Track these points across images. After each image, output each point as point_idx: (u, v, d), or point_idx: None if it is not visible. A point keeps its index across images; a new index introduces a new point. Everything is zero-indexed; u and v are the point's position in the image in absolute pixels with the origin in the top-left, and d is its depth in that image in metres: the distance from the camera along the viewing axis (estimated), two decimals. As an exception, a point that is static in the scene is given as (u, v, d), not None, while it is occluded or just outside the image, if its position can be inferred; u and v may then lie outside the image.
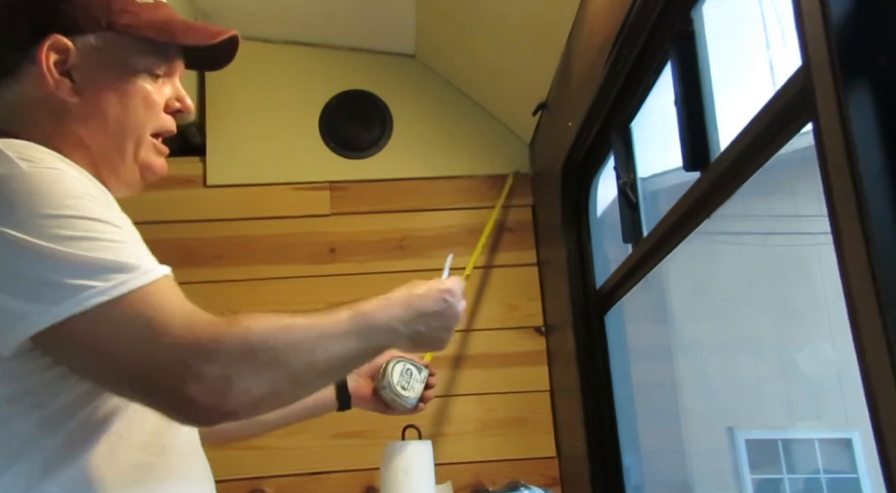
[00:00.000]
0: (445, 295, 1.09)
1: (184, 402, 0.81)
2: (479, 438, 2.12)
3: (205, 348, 0.81)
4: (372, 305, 0.99)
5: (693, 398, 4.54)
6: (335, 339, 0.92)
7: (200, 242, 2.17)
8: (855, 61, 0.83)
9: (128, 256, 0.84)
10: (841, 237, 0.83)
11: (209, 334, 0.82)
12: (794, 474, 4.98)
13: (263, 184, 2.25)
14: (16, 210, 0.82)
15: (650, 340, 3.83)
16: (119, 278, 0.82)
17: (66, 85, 0.97)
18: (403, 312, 1.02)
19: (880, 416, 0.78)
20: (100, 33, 0.98)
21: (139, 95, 1.00)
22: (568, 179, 2.01)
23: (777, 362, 4.59)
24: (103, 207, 0.88)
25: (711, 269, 4.42)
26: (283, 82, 2.33)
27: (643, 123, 1.74)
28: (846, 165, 0.82)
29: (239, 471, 2.01)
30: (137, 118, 1.00)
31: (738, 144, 1.17)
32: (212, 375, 0.81)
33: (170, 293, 0.85)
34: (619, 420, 1.87)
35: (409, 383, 1.42)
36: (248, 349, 0.84)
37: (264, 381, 0.84)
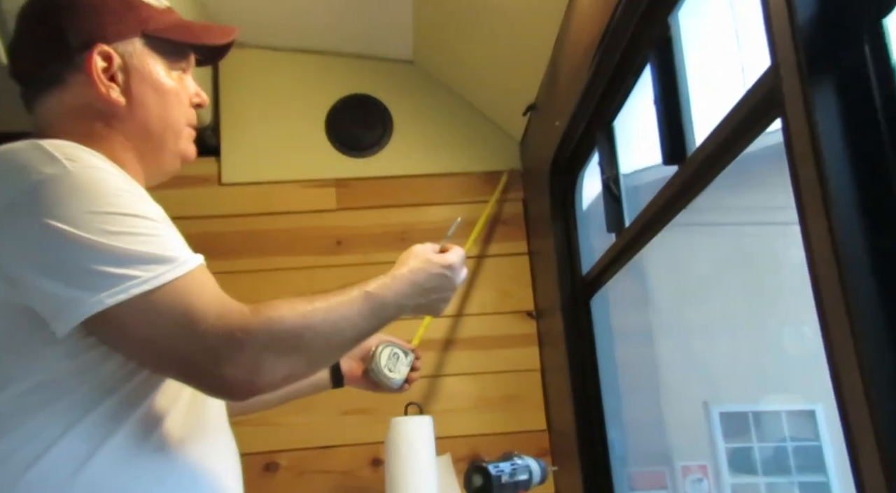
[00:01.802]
0: (446, 271, 1.11)
1: (218, 381, 0.85)
2: (475, 413, 2.12)
3: (235, 338, 0.83)
4: (380, 284, 1.01)
5: (672, 376, 4.55)
6: (348, 320, 0.95)
7: (217, 237, 2.16)
8: (820, 62, 0.83)
9: (166, 248, 0.86)
10: (807, 225, 0.83)
11: (239, 325, 0.84)
12: (763, 442, 5.01)
13: (274, 182, 2.24)
14: (65, 206, 0.83)
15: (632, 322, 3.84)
16: (159, 270, 0.83)
17: (114, 88, 0.99)
18: (408, 288, 1.05)
19: (843, 389, 0.78)
20: (134, 39, 1.01)
21: (172, 92, 1.03)
22: (556, 175, 2.01)
23: (748, 341, 4.61)
24: (140, 202, 0.89)
25: (688, 256, 4.43)
26: (292, 87, 2.32)
27: (625, 122, 1.74)
28: (812, 157, 0.81)
29: (255, 446, 2.02)
30: (174, 112, 1.03)
31: (713, 140, 1.17)
32: (242, 360, 0.84)
33: (204, 283, 0.87)
34: (605, 396, 1.88)
35: (396, 366, 1.44)
36: (273, 337, 0.86)
37: (287, 362, 0.88)
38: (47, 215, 0.82)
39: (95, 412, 0.86)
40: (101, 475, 0.84)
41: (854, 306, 0.76)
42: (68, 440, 0.84)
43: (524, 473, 1.39)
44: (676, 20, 1.36)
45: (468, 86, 2.31)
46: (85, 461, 0.84)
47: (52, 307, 0.82)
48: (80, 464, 0.84)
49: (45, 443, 0.83)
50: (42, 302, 0.83)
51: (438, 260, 1.11)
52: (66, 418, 0.85)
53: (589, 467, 1.81)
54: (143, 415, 0.89)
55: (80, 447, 0.84)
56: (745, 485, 4.89)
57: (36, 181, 0.84)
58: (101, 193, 0.85)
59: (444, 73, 2.33)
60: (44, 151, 0.86)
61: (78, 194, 0.84)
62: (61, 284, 0.81)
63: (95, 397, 0.86)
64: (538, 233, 2.19)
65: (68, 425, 0.84)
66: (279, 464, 2.04)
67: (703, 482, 4.75)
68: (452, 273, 1.12)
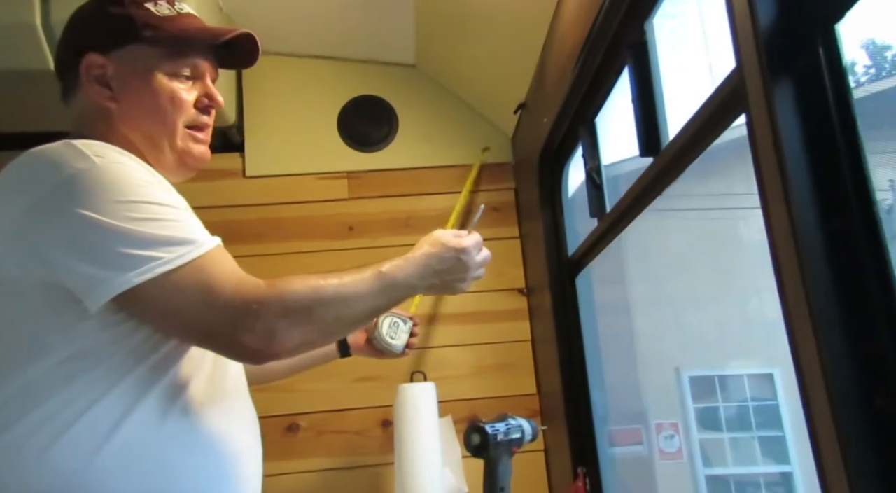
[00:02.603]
0: (460, 254, 1.07)
1: (237, 347, 0.85)
2: (473, 380, 2.13)
3: (251, 308, 0.84)
4: (393, 265, 1.00)
5: (647, 344, 4.56)
6: (360, 296, 0.94)
7: (241, 224, 2.16)
8: (780, 63, 0.83)
9: (186, 231, 0.86)
10: (768, 209, 0.83)
11: (254, 297, 0.84)
12: (727, 403, 5.03)
13: (292, 174, 2.23)
14: (95, 197, 0.83)
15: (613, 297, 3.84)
16: (180, 250, 0.84)
17: (104, 93, 0.98)
18: (420, 270, 1.02)
19: (799, 354, 0.78)
20: (129, 47, 0.98)
21: (165, 95, 0.99)
22: (544, 166, 2.00)
23: (715, 313, 4.61)
24: (162, 191, 0.89)
25: (662, 238, 4.43)
26: (307, 90, 2.31)
27: (606, 118, 1.73)
28: (772, 148, 0.81)
29: (278, 409, 2.03)
30: (168, 116, 0.99)
31: (684, 134, 1.17)
32: (259, 328, 0.84)
33: (222, 261, 0.87)
34: (588, 363, 1.88)
35: (397, 333, 1.43)
36: (286, 308, 0.86)
37: (300, 332, 0.87)
38: (79, 206, 0.83)
39: (127, 379, 0.86)
40: (133, 434, 0.85)
41: (809, 280, 0.76)
42: (104, 403, 0.85)
43: (517, 432, 1.40)
44: (651, 25, 1.35)
45: (465, 87, 2.30)
46: (119, 422, 0.84)
47: (86, 286, 0.83)
48: (115, 425, 0.84)
49: (83, 406, 0.84)
50: (76, 282, 0.84)
51: (453, 244, 1.07)
52: (101, 384, 0.85)
53: (574, 426, 1.82)
54: (170, 381, 0.89)
55: (115, 410, 0.85)
56: (711, 440, 4.93)
57: (69, 175, 0.84)
58: (127, 185, 0.85)
59: (443, 76, 2.32)
60: (75, 148, 0.87)
61: (106, 186, 0.84)
62: (94, 266, 0.82)
63: (127, 366, 0.87)
64: (528, 218, 2.18)
65: (103, 391, 0.85)
66: (300, 425, 2.05)
67: (674, 438, 4.78)
68: (466, 257, 1.07)
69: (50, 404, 0.84)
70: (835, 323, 0.75)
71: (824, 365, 0.74)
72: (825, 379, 0.73)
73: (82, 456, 0.82)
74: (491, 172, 2.29)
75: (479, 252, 1.11)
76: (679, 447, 4.77)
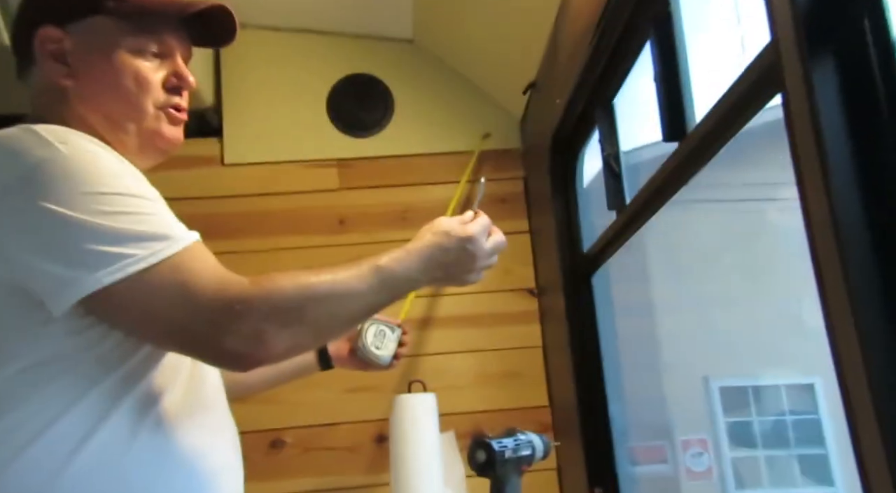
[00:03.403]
0: (466, 244, 1.05)
1: (220, 352, 0.85)
2: (478, 390, 2.12)
3: (234, 309, 0.83)
4: (392, 257, 0.99)
5: (672, 351, 4.56)
6: (356, 293, 0.93)
7: (220, 217, 2.16)
8: (820, 37, 0.82)
9: (161, 226, 0.86)
10: (807, 200, 0.83)
11: (238, 296, 0.84)
12: (762, 416, 5.03)
13: (276, 162, 2.23)
14: (60, 189, 0.83)
15: (633, 298, 3.84)
16: (155, 247, 0.84)
17: (60, 71, 0.97)
18: (423, 263, 1.01)
19: (842, 362, 0.78)
20: (89, 19, 0.97)
21: (129, 73, 0.98)
22: (556, 153, 2.00)
23: (747, 316, 4.61)
24: (134, 181, 0.89)
25: (688, 232, 4.42)
26: (293, 68, 2.31)
27: (625, 99, 1.73)
28: (811, 132, 0.81)
29: (261, 423, 2.03)
30: (131, 96, 0.98)
31: (713, 116, 1.16)
32: (243, 330, 0.84)
33: (201, 258, 0.87)
34: (606, 372, 1.88)
35: (383, 342, 1.42)
36: (274, 309, 0.86)
37: (290, 334, 0.87)
38: (42, 198, 0.82)
39: (96, 389, 0.86)
40: (101, 452, 0.85)
41: (853, 279, 0.76)
42: (70, 417, 0.84)
43: (527, 448, 1.40)
44: (676, -5, 1.34)
45: (468, 64, 2.29)
46: (85, 438, 0.84)
47: (50, 287, 0.83)
48: (81, 441, 0.84)
49: (47, 420, 0.84)
50: (39, 283, 0.83)
51: (458, 233, 1.05)
52: (67, 395, 0.85)
53: (590, 442, 1.82)
54: (142, 393, 0.89)
55: (81, 424, 0.85)
56: (744, 458, 4.93)
57: (30, 165, 0.84)
58: (95, 175, 0.85)
59: (444, 52, 2.31)
60: (36, 135, 0.86)
61: (72, 176, 0.84)
62: (59, 264, 0.82)
63: (95, 375, 0.87)
64: (539, 211, 2.18)
65: (69, 402, 0.85)
66: (285, 441, 2.05)
67: (703, 456, 4.78)
68: (473, 246, 1.06)
69: (8, 419, 0.84)
70: (882, 328, 0.74)
71: (870, 374, 0.73)
72: (871, 390, 0.73)
73: (44, 476, 0.82)
74: (497, 159, 2.28)
75: (488, 237, 1.09)
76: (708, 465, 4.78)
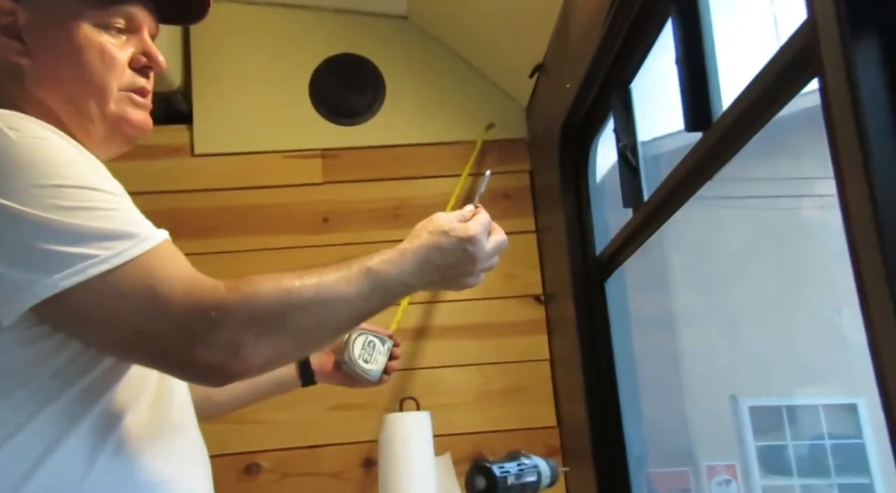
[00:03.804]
0: (467, 245, 1.05)
1: (192, 365, 0.85)
2: (478, 408, 2.13)
3: (209, 316, 0.83)
4: (384, 259, 0.99)
5: (696, 365, 4.56)
6: (344, 299, 0.93)
7: (189, 213, 2.16)
8: (862, 14, 0.82)
9: (125, 223, 0.86)
10: (846, 196, 0.83)
11: (212, 302, 0.84)
12: (798, 440, 5.03)
13: (253, 152, 2.23)
14: (10, 181, 0.82)
15: (652, 307, 3.84)
16: (119, 246, 0.83)
17: (14, 47, 0.96)
18: (417, 266, 1.01)
19: (887, 380, 0.78)
20: None
21: (94, 51, 0.98)
22: (566, 143, 2.00)
23: (781, 327, 4.61)
24: (95, 173, 0.88)
25: (714, 233, 4.42)
26: (271, 46, 2.31)
27: (644, 84, 1.73)
28: (852, 121, 0.81)
29: (234, 445, 2.03)
30: (95, 75, 0.98)
31: (742, 103, 1.16)
32: (218, 340, 0.83)
33: (171, 259, 0.86)
34: (621, 389, 1.88)
35: (372, 355, 1.42)
36: (252, 316, 0.85)
37: (270, 344, 0.87)
38: None
39: (50, 408, 0.86)
40: (56, 477, 0.84)
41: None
42: (21, 439, 0.84)
43: (532, 474, 1.40)
44: (701, -32, 1.35)
45: (469, 44, 2.29)
46: (38, 463, 0.84)
47: (2, 292, 0.82)
48: (33, 466, 0.84)
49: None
50: None
51: (458, 233, 1.05)
52: (19, 414, 0.84)
53: (603, 467, 1.82)
54: (102, 411, 0.89)
55: (33, 447, 0.84)
56: (778, 487, 4.92)
57: None
58: (51, 165, 0.84)
59: (441, 31, 2.32)
60: None
61: (24, 167, 0.83)
62: (9, 266, 0.81)
63: (49, 392, 0.86)
64: (547, 208, 2.18)
65: (20, 423, 0.84)
66: (261, 466, 2.05)
67: (731, 484, 4.78)
68: (474, 247, 1.05)
69: None
70: (929, 340, 0.74)
71: (916, 393, 0.73)
72: (917, 411, 0.73)
73: None
74: (501, 150, 2.29)
75: (488, 237, 1.09)
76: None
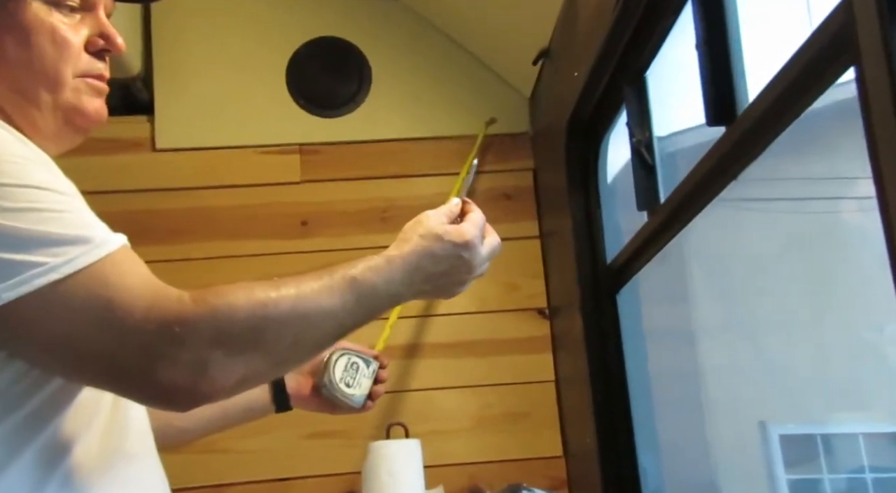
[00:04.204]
0: (462, 251, 1.04)
1: (153, 387, 0.84)
2: (474, 436, 2.13)
3: (171, 332, 0.82)
4: (370, 266, 0.98)
5: (719, 387, 4.56)
6: (325, 311, 0.93)
7: (150, 216, 2.16)
8: (903, -5, 0.83)
9: (77, 226, 0.85)
10: (886, 198, 0.83)
11: (176, 316, 0.83)
12: (835, 473, 5.02)
13: (222, 147, 2.24)
14: None
15: (669, 321, 3.84)
16: (71, 253, 0.82)
17: None
18: (407, 275, 1.01)
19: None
20: None
21: (44, 33, 0.97)
22: (574, 138, 2.01)
23: (816, 345, 4.61)
24: (43, 170, 0.88)
25: (738, 240, 4.42)
26: (244, 28, 2.32)
27: (660, 73, 1.74)
28: (892, 114, 0.81)
29: (200, 477, 2.02)
30: (46, 60, 0.97)
31: (770, 94, 1.17)
32: (182, 359, 0.83)
33: (129, 267, 0.85)
34: (634, 413, 1.89)
35: (356, 378, 1.41)
36: (221, 331, 0.85)
37: (241, 363, 0.87)
38: None
39: None
40: None
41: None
42: None
43: (535, 509, 1.40)
44: (725, -57, 1.36)
45: (465, 27, 2.30)
46: None
47: None
48: None
49: None
50: None
51: (452, 237, 1.04)
52: None
53: (615, 501, 1.83)
54: (49, 439, 0.88)
55: None
56: (811, 525, 4.93)
57: None
58: None
59: (434, 12, 2.32)
60: None
61: None
62: None
63: None
64: (552, 210, 2.19)
65: None
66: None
67: (758, 521, 4.79)
68: (470, 253, 1.04)
69: None
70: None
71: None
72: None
73: None
74: (501, 145, 2.29)
75: (479, 241, 1.07)
76: (764, 532, 4.78)
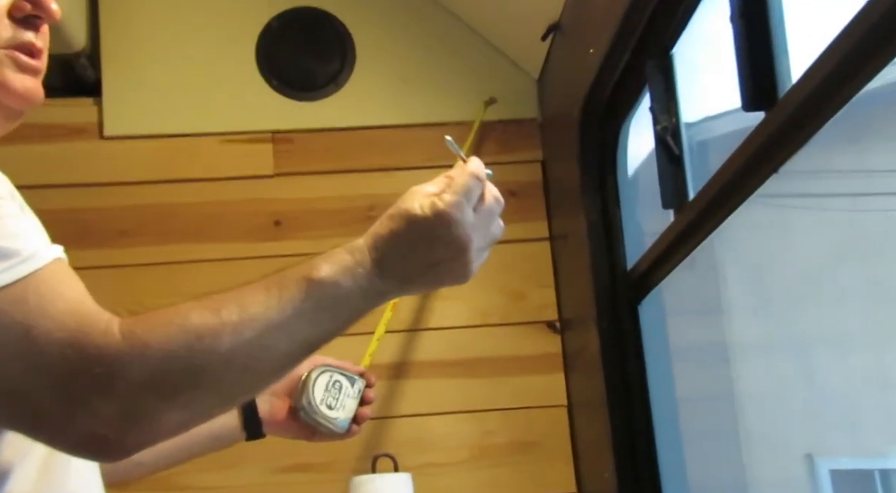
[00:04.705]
0: (437, 228, 0.93)
1: (74, 436, 0.82)
2: (474, 469, 2.13)
3: (91, 374, 0.80)
4: (331, 264, 0.91)
5: (759, 415, 4.56)
6: (280, 327, 0.88)
7: (97, 214, 2.16)
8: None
9: (2, 236, 0.83)
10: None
11: (98, 354, 0.81)
12: (896, 514, 5.04)
13: (181, 134, 2.24)
14: None
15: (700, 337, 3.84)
16: None
17: None
18: (381, 268, 0.93)
19: None
20: None
21: None
22: (589, 125, 2.01)
23: (871, 366, 4.61)
24: None
25: (782, 242, 4.42)
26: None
27: (689, 49, 1.74)
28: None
29: (155, 518, 2.02)
30: None
31: (816, 74, 1.17)
32: (105, 407, 0.81)
33: (56, 287, 0.84)
34: (659, 444, 1.89)
35: (339, 399, 1.39)
36: (152, 373, 0.82)
37: (179, 407, 0.85)
38: None
39: None
40: None
41: None
42: None
43: (543, 555, 1.40)
44: None
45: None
46: None
47: None
48: None
49: None
50: None
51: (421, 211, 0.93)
52: None
53: (637, 546, 1.83)
54: None
55: None
56: (866, 576, 4.93)
57: None
58: None
59: (428, -22, 2.33)
60: None
61: None
62: None
63: None
64: (564, 209, 2.19)
65: None
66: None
67: (806, 571, 4.79)
68: (447, 229, 0.94)
69: None
70: None
71: None
72: None
73: None
74: (505, 133, 2.30)
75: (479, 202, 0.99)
76: None
